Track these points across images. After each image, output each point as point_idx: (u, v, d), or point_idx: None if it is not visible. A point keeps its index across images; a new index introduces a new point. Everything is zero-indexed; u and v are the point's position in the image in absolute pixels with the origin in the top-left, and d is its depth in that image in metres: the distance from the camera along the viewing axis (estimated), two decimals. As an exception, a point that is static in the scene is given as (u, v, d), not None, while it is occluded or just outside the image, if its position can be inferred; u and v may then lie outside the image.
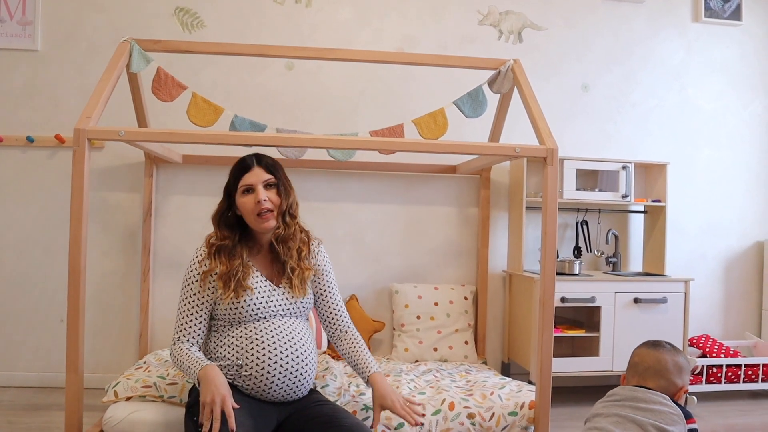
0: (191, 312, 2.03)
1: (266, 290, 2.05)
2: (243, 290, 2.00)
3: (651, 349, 1.87)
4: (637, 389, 1.79)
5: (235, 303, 1.99)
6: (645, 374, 1.84)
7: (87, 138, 2.16)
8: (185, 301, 2.04)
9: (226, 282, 2.00)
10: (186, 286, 2.05)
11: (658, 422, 1.68)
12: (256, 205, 2.02)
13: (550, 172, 2.39)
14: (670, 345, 1.89)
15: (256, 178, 2.05)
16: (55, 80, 3.35)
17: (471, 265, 3.62)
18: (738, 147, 3.96)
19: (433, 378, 2.86)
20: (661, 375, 1.81)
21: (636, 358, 1.88)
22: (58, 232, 3.31)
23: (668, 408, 1.72)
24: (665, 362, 1.82)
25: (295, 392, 2.01)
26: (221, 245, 2.05)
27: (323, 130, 3.45)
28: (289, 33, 3.49)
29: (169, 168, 3.39)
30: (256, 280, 2.05)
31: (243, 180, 2.05)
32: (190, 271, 2.06)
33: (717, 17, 3.90)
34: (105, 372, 3.31)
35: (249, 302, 2.00)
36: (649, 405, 1.73)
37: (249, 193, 2.04)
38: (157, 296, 3.35)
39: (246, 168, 2.06)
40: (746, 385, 3.45)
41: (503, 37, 3.69)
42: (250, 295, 2.01)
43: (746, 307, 3.95)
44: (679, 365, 1.84)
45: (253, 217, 2.04)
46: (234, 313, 2.00)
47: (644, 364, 1.84)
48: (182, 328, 2.03)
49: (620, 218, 3.78)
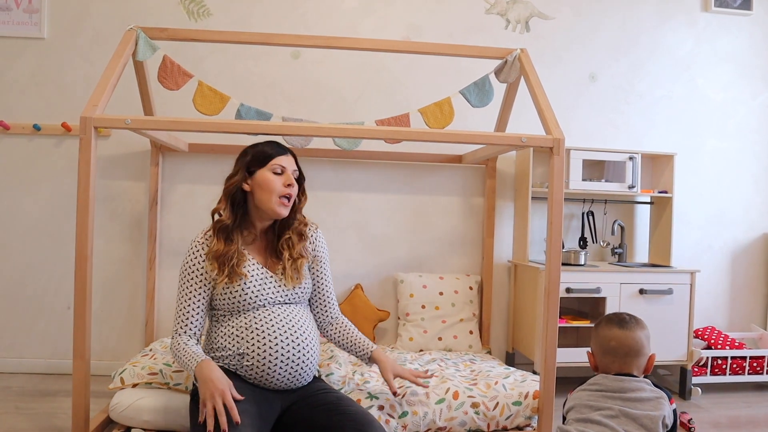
0: (189, 303, 2.03)
1: (261, 277, 2.06)
2: (237, 276, 2.00)
3: (623, 329, 1.86)
4: (623, 379, 1.80)
5: (230, 289, 2.00)
6: (626, 357, 1.83)
7: (93, 126, 2.16)
8: (183, 293, 2.05)
9: (221, 265, 2.00)
10: (183, 278, 2.06)
11: (649, 412, 1.71)
12: (284, 188, 2.05)
13: (556, 163, 2.38)
14: (629, 317, 1.90)
15: (289, 164, 2.09)
16: (61, 68, 3.36)
17: (476, 255, 3.62)
18: (746, 138, 3.93)
19: (438, 367, 2.87)
20: (640, 353, 1.85)
21: (612, 342, 1.85)
22: (65, 220, 3.33)
23: (654, 393, 1.76)
24: (640, 339, 1.85)
25: (298, 380, 2.02)
26: (224, 225, 2.05)
27: (329, 119, 3.44)
28: (295, 21, 3.48)
29: (175, 156, 3.40)
30: (251, 268, 2.05)
31: (278, 160, 2.07)
32: (186, 262, 2.07)
33: (727, 6, 3.86)
34: (111, 359, 3.34)
35: (245, 289, 2.00)
36: (637, 394, 1.76)
37: (279, 175, 2.06)
38: (163, 284, 3.37)
39: (282, 151, 2.10)
40: (751, 377, 3.45)
41: (510, 26, 3.67)
42: (245, 282, 2.01)
43: (752, 299, 3.94)
44: (648, 334, 1.88)
45: (274, 198, 2.04)
46: (231, 301, 2.01)
47: (624, 348, 1.84)
48: (180, 320, 2.03)
49: (626, 209, 3.77)
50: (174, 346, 2.00)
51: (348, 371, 2.60)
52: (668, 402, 1.76)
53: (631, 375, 1.83)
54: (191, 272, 2.05)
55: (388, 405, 2.33)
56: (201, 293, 2.04)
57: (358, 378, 2.58)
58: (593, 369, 1.93)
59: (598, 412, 1.76)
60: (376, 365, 2.24)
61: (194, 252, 2.06)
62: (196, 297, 2.03)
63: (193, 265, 2.05)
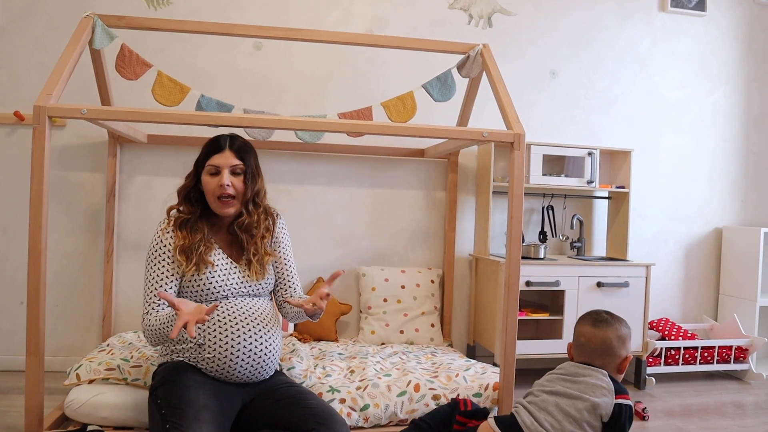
0: (160, 284, 1.99)
1: (227, 267, 2.04)
2: (204, 265, 1.99)
3: (595, 328, 1.94)
4: (581, 366, 1.91)
5: (198, 278, 1.98)
6: (593, 355, 1.95)
7: (48, 116, 2.10)
8: (152, 274, 2.00)
9: (189, 256, 1.99)
10: (151, 260, 2.02)
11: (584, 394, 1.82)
12: (218, 188, 2.02)
13: (516, 158, 2.40)
14: (610, 316, 1.97)
15: (224, 160, 2.04)
16: (14, 55, 3.25)
17: (438, 249, 3.65)
18: (701, 135, 4.04)
19: (399, 360, 2.88)
20: (608, 353, 1.93)
21: (582, 338, 1.95)
22: (18, 212, 3.23)
23: (601, 382, 1.85)
24: (610, 341, 1.92)
25: (260, 373, 2.01)
26: (184, 219, 2.04)
27: (291, 112, 3.41)
28: (258, 12, 3.44)
29: (134, 147, 3.33)
30: (217, 257, 2.04)
31: (211, 160, 2.04)
32: (154, 245, 2.04)
33: (683, 7, 3.95)
34: (67, 355, 3.26)
35: (210, 278, 1.99)
36: (585, 378, 1.86)
37: (214, 175, 2.03)
38: (121, 278, 3.30)
39: (217, 149, 2.05)
40: (702, 367, 3.56)
41: (473, 21, 3.69)
42: (212, 271, 1.99)
43: (704, 291, 4.06)
44: (623, 337, 1.94)
45: (213, 199, 2.04)
46: (196, 290, 1.99)
47: (591, 345, 1.94)
48: (152, 300, 1.98)
49: (585, 204, 3.84)
50: (147, 324, 1.95)
51: (309, 365, 2.59)
52: (613, 395, 1.83)
53: (593, 366, 1.89)
54: (160, 253, 2.02)
55: (350, 398, 2.34)
56: (171, 273, 2.00)
57: (319, 371, 2.57)
58: (570, 359, 2.01)
59: (540, 388, 1.91)
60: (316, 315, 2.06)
61: (162, 233, 2.04)
62: (168, 277, 2.00)
63: (162, 246, 2.02)
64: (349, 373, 2.63)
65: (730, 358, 3.57)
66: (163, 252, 2.02)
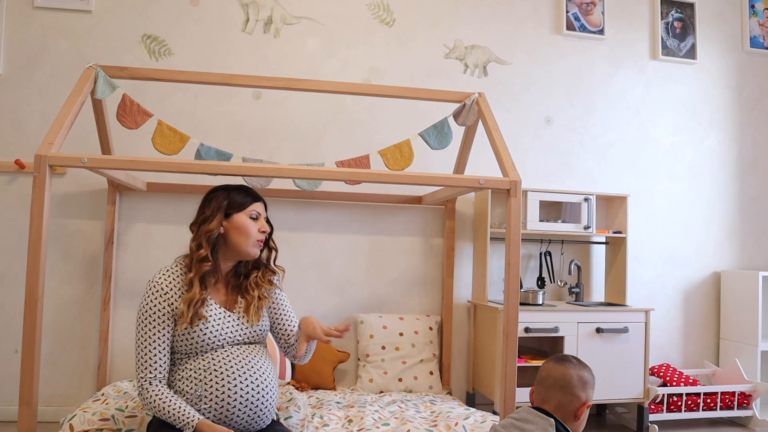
0: (154, 346, 1.96)
1: (221, 317, 2.03)
2: (198, 319, 1.97)
3: (558, 364, 1.92)
4: (531, 412, 1.85)
5: (189, 331, 1.96)
6: (550, 389, 1.88)
7: (48, 164, 2.13)
8: (145, 336, 1.97)
9: (188, 307, 1.97)
10: (144, 320, 1.98)
11: None
12: (259, 233, 2.11)
13: (513, 204, 2.42)
14: (576, 360, 1.95)
15: (262, 210, 2.16)
16: (17, 104, 3.30)
17: (436, 295, 3.64)
18: (695, 180, 4.08)
19: (398, 409, 2.84)
20: (565, 390, 1.87)
21: (543, 373, 1.93)
22: (15, 259, 3.23)
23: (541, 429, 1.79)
24: (570, 377, 1.88)
25: (257, 422, 1.98)
26: (207, 271, 2.03)
27: (289, 160, 3.45)
28: (257, 62, 3.51)
29: (133, 195, 3.35)
30: (210, 309, 2.02)
31: (254, 206, 2.13)
32: (146, 303, 1.99)
33: (673, 55, 4.04)
34: (61, 404, 3.21)
35: (203, 330, 1.97)
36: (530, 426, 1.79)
37: (255, 220, 2.11)
38: (118, 326, 3.28)
39: (258, 198, 2.18)
40: (705, 413, 3.51)
41: (468, 70, 3.76)
42: (205, 324, 1.98)
43: (705, 336, 4.04)
44: (584, 379, 1.91)
45: (251, 242, 2.08)
46: (189, 343, 1.97)
47: (550, 379, 1.89)
48: (148, 365, 1.95)
49: (583, 249, 3.85)
50: (150, 398, 1.92)
51: (307, 414, 2.55)
52: None
53: (545, 412, 1.84)
54: (152, 313, 1.98)
55: None
56: (164, 334, 1.98)
57: (317, 421, 2.53)
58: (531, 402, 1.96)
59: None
60: (313, 341, 2.16)
61: (154, 292, 2.00)
62: (161, 339, 1.98)
63: (154, 306, 1.99)
64: (347, 423, 2.59)
65: (733, 405, 3.53)
66: (155, 309, 1.98)
